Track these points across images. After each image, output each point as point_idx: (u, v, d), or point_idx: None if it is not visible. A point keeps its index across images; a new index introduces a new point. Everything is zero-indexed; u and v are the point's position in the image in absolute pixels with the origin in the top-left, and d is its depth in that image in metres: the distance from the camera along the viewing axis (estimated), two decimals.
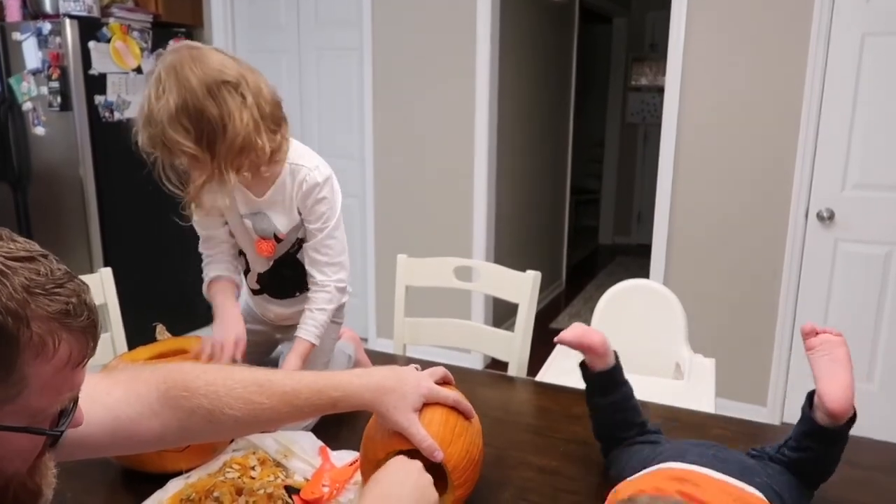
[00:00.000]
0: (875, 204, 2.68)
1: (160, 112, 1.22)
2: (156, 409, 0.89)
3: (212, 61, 1.26)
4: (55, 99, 3.32)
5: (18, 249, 0.60)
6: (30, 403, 0.60)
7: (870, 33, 2.58)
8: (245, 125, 1.27)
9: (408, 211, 3.61)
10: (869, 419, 2.90)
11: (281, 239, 1.45)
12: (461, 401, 1.04)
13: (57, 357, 0.60)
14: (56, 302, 0.59)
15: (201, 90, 1.23)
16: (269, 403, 0.93)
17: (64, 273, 0.62)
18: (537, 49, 4.15)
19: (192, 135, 1.24)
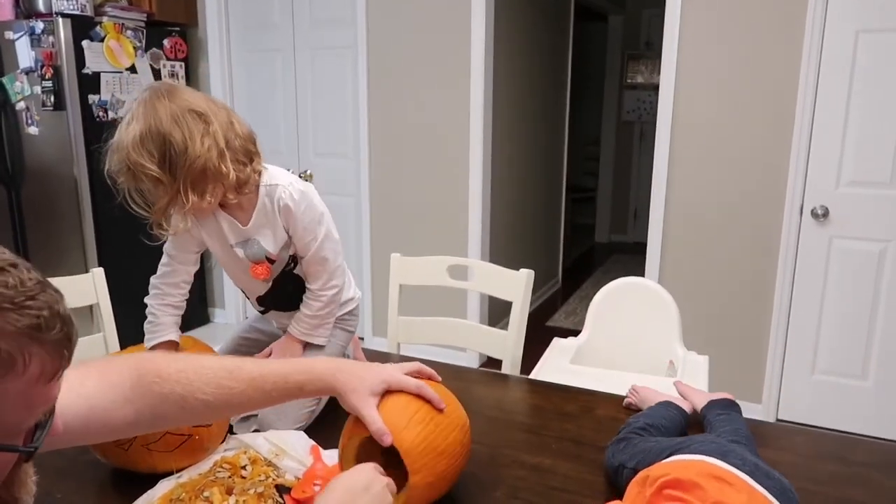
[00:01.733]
0: (869, 201, 2.68)
1: (126, 137, 1.28)
2: (129, 396, 0.90)
3: (183, 94, 1.32)
4: (48, 98, 3.31)
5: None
6: (2, 420, 0.58)
7: (863, 30, 2.58)
8: (206, 149, 1.30)
9: (403, 210, 3.60)
10: (863, 416, 2.93)
11: (273, 260, 1.46)
12: (425, 389, 1.03)
13: (28, 373, 0.57)
14: (26, 316, 0.57)
15: (167, 117, 1.28)
16: (239, 388, 0.95)
17: (35, 283, 0.59)
18: (533, 47, 4.15)
19: (156, 158, 1.28)
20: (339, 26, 3.63)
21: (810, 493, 1.09)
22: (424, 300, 2.16)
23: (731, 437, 1.11)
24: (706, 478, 0.88)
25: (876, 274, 2.72)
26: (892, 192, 2.64)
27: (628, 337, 2.00)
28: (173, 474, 1.11)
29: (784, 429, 1.61)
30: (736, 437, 1.12)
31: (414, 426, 0.98)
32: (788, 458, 1.21)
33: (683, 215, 3.00)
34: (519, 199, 4.15)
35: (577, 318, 4.39)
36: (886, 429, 2.72)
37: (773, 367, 2.92)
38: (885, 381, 2.77)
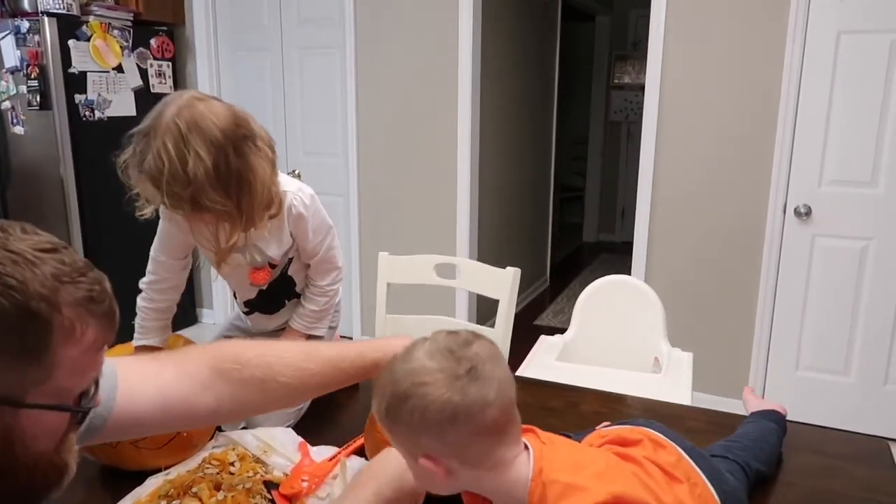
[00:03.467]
0: (851, 199, 2.72)
1: (195, 173, 1.18)
2: (208, 384, 0.92)
3: (225, 113, 1.24)
4: (34, 98, 3.30)
5: (43, 241, 0.64)
6: (59, 384, 0.64)
7: (845, 31, 2.62)
8: (268, 177, 1.28)
9: (391, 209, 3.61)
10: (846, 412, 2.97)
11: (275, 265, 1.47)
12: None
13: (84, 340, 0.64)
14: (81, 289, 0.64)
15: (230, 147, 1.22)
16: (318, 369, 0.98)
17: (85, 264, 0.66)
18: (520, 47, 4.17)
19: (225, 193, 1.23)
20: (326, 26, 3.64)
21: (789, 485, 1.12)
22: (412, 299, 2.17)
23: (728, 439, 1.13)
24: (646, 439, 0.94)
25: (858, 271, 2.76)
26: (873, 191, 2.68)
27: (614, 334, 2.03)
28: (161, 471, 1.12)
29: None
30: (733, 438, 1.13)
31: None
32: None
33: (669, 214, 3.03)
34: (507, 198, 4.17)
35: (565, 317, 4.42)
36: (868, 424, 2.77)
37: (757, 363, 2.96)
38: (866, 377, 2.81)
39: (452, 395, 0.76)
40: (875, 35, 2.58)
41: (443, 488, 0.83)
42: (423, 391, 0.76)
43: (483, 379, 0.77)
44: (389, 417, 0.79)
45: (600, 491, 0.77)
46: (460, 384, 0.76)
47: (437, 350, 0.79)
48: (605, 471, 0.81)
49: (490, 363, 0.79)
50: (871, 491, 1.09)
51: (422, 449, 0.78)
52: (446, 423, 0.76)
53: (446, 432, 0.76)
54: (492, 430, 0.78)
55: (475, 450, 0.78)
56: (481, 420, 0.76)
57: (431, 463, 0.78)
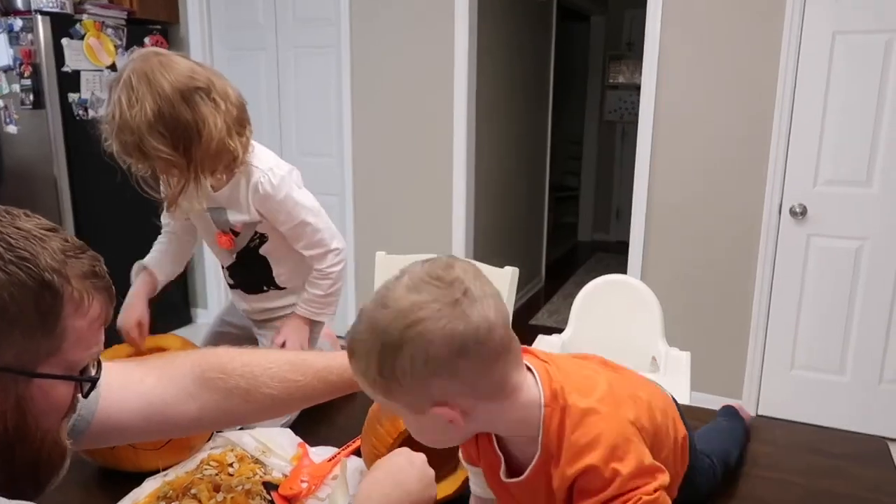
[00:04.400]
0: (846, 199, 2.73)
1: (136, 119, 1.23)
2: (192, 392, 0.91)
3: (181, 67, 1.27)
4: (27, 97, 3.27)
5: (45, 223, 0.67)
6: (68, 356, 0.66)
7: (840, 31, 2.63)
8: (219, 130, 1.29)
9: (387, 208, 3.60)
10: (841, 411, 2.98)
11: (237, 232, 1.47)
12: None
13: (91, 312, 0.68)
14: (85, 264, 0.67)
15: (175, 96, 1.24)
16: (304, 381, 0.97)
17: (82, 243, 0.70)
18: (515, 47, 4.17)
19: (169, 141, 1.26)
20: (322, 26, 3.63)
21: (790, 484, 1.12)
22: None
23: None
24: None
25: (853, 271, 2.77)
26: (868, 191, 2.69)
27: (611, 334, 2.03)
28: (159, 473, 1.11)
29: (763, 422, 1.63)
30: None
31: None
32: (767, 451, 1.23)
33: (665, 214, 3.03)
34: (502, 197, 4.17)
35: (561, 317, 4.42)
36: (863, 423, 2.77)
37: (753, 362, 2.97)
38: (861, 377, 2.82)
39: (455, 323, 0.68)
40: (870, 35, 2.59)
41: (456, 437, 0.78)
42: (420, 329, 0.68)
43: (480, 299, 0.70)
44: (385, 376, 0.70)
45: (616, 417, 0.77)
46: (460, 310, 0.68)
47: (420, 281, 0.71)
48: (609, 392, 0.80)
49: (479, 281, 0.72)
50: (875, 491, 1.09)
51: (433, 397, 0.71)
52: (455, 356, 0.68)
53: (458, 367, 0.69)
54: (501, 352, 0.72)
55: (490, 379, 0.72)
56: (491, 344, 0.70)
57: (446, 409, 0.71)
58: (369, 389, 0.74)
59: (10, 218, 0.65)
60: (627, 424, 0.77)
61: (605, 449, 0.74)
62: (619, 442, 0.75)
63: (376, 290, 0.74)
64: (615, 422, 0.76)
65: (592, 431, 0.74)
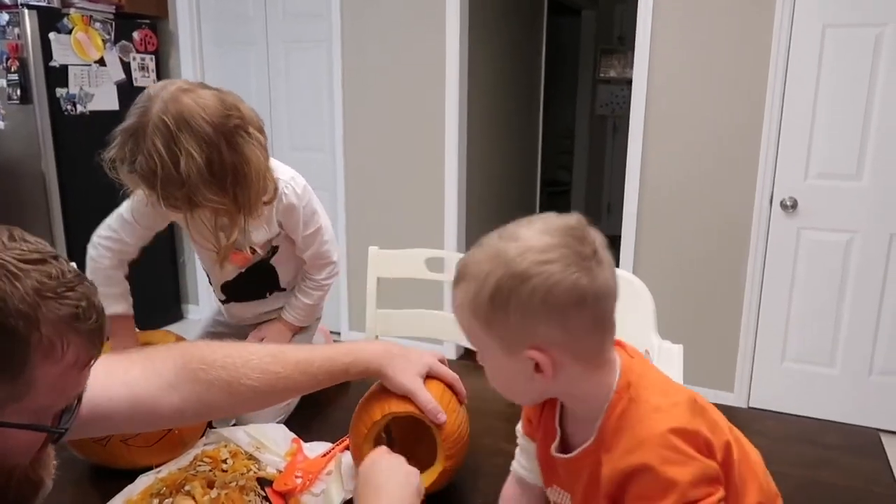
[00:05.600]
0: (836, 193, 2.75)
1: (186, 171, 1.13)
2: (174, 383, 0.91)
3: (214, 102, 1.19)
4: (14, 91, 3.24)
5: (30, 251, 0.60)
6: (35, 402, 0.61)
7: (830, 25, 2.64)
8: (263, 164, 1.25)
9: (379, 203, 3.60)
10: (831, 403, 3.00)
11: (257, 251, 1.44)
12: (458, 382, 1.09)
13: (65, 359, 0.61)
14: (66, 306, 0.60)
15: (220, 140, 1.17)
16: (285, 372, 0.97)
17: (74, 276, 0.62)
18: (507, 42, 4.16)
19: (221, 188, 1.19)
20: (312, 20, 3.61)
21: (782, 475, 1.12)
22: (399, 293, 2.16)
23: None
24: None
25: (843, 264, 2.78)
26: (858, 184, 2.71)
27: None
28: (153, 469, 1.10)
29: (755, 414, 1.65)
30: None
31: (451, 413, 1.02)
32: (760, 442, 1.23)
33: (656, 207, 3.04)
34: (494, 192, 4.16)
35: None
36: (853, 414, 2.80)
37: (744, 355, 2.98)
38: (851, 369, 2.84)
39: (581, 275, 0.67)
40: (860, 29, 2.60)
41: (532, 392, 0.77)
42: (548, 269, 0.67)
43: (605, 264, 0.71)
44: (497, 303, 0.69)
45: (686, 421, 0.71)
46: (588, 265, 0.68)
47: (555, 228, 0.70)
48: (689, 403, 0.74)
49: (606, 250, 0.72)
50: (863, 481, 1.10)
51: (534, 339, 0.70)
52: (572, 306, 0.68)
53: (570, 318, 0.69)
54: (608, 321, 0.72)
55: (591, 341, 0.72)
56: (605, 307, 0.71)
57: (542, 354, 0.70)
58: (469, 315, 0.73)
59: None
60: (697, 432, 0.71)
61: (665, 449, 0.69)
62: (683, 447, 0.69)
63: (502, 228, 0.73)
64: (683, 423, 0.70)
65: (656, 428, 0.70)
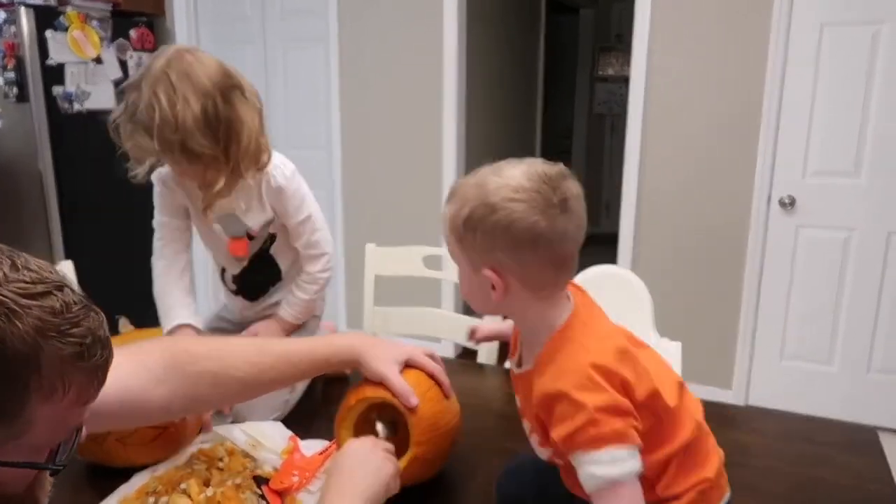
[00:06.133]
0: (834, 190, 2.75)
1: (182, 116, 1.21)
2: (162, 377, 0.91)
3: (215, 64, 1.29)
4: (11, 90, 3.23)
5: (33, 281, 0.56)
6: (35, 439, 0.58)
7: (828, 23, 2.63)
8: (255, 128, 1.31)
9: (376, 201, 3.59)
10: (829, 401, 3.00)
11: (253, 236, 1.45)
12: (441, 373, 1.09)
13: (66, 399, 0.58)
14: (69, 344, 0.57)
15: (218, 94, 1.25)
16: (270, 363, 0.99)
17: (80, 308, 0.59)
18: (505, 40, 4.15)
19: (213, 139, 1.26)
20: (310, 18, 3.60)
21: (780, 473, 1.12)
22: (397, 290, 2.16)
23: None
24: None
25: (841, 262, 2.78)
26: (856, 182, 2.71)
27: None
28: (148, 468, 1.10)
29: (753, 411, 1.65)
30: None
31: (426, 401, 1.03)
32: (757, 440, 1.24)
33: (654, 206, 3.04)
34: None
35: None
36: (851, 412, 2.80)
37: (742, 353, 2.98)
38: (849, 366, 2.84)
39: (541, 220, 0.78)
40: (858, 27, 2.60)
41: (488, 304, 0.87)
42: (513, 207, 0.78)
43: (571, 213, 0.81)
44: (468, 225, 0.81)
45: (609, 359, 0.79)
46: (551, 212, 0.79)
47: (534, 173, 0.80)
48: (619, 350, 0.82)
49: (578, 201, 0.82)
50: (860, 479, 1.10)
51: (491, 261, 0.82)
52: (527, 244, 0.79)
53: (524, 253, 0.80)
54: (561, 262, 0.82)
55: (541, 276, 0.82)
56: (558, 250, 0.81)
57: (496, 276, 0.82)
58: (449, 230, 0.86)
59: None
60: (616, 372, 0.79)
61: (581, 378, 0.78)
62: (598, 379, 0.78)
63: (503, 162, 0.84)
64: (604, 362, 0.79)
65: (578, 361, 0.79)
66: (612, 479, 0.77)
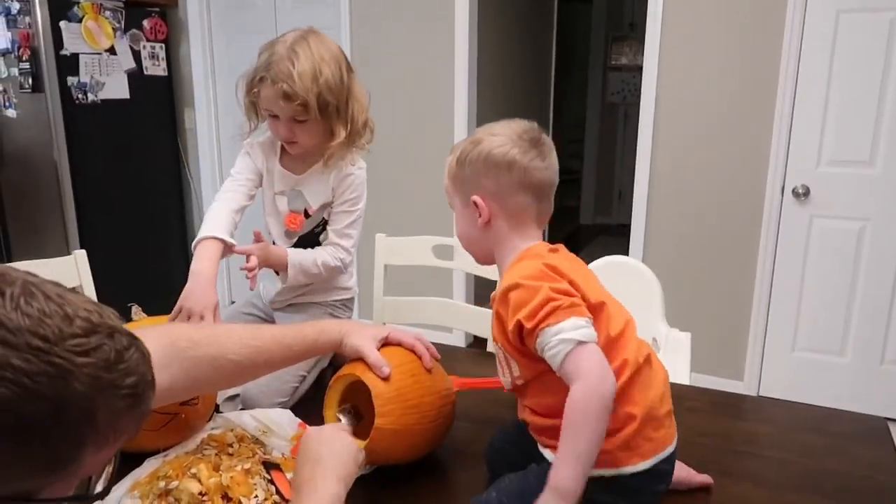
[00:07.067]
0: (849, 180, 2.72)
1: (323, 71, 1.35)
2: (163, 362, 0.92)
3: (337, 45, 1.45)
4: (26, 80, 3.26)
5: (87, 333, 0.55)
6: (77, 477, 0.59)
7: (844, 10, 2.60)
8: (364, 107, 1.46)
9: (387, 190, 3.59)
10: (841, 392, 2.98)
11: (310, 214, 1.52)
12: (419, 345, 1.11)
13: (117, 443, 0.60)
14: (122, 397, 0.57)
15: (344, 64, 1.42)
16: (265, 345, 1.04)
17: (131, 352, 0.59)
18: (516, 29, 4.13)
19: (340, 99, 1.40)
20: (321, 7, 3.60)
21: (788, 464, 1.12)
22: (410, 280, 2.16)
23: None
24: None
25: (855, 253, 2.76)
26: (871, 172, 2.68)
27: None
28: (159, 453, 1.12)
29: (762, 401, 1.64)
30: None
31: (394, 373, 1.05)
32: (767, 430, 1.23)
33: (667, 195, 3.02)
34: None
35: None
36: (864, 404, 2.78)
37: (754, 344, 2.97)
38: (862, 358, 2.82)
39: (513, 148, 0.96)
40: (874, 14, 2.56)
41: (479, 240, 1.02)
42: (493, 139, 0.97)
43: (541, 148, 0.98)
44: (459, 162, 1.00)
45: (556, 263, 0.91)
46: (523, 144, 0.96)
47: (513, 122, 1.00)
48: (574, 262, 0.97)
49: (550, 147, 1.00)
50: (870, 469, 1.09)
51: (479, 188, 0.98)
52: (504, 167, 0.96)
53: (501, 174, 0.96)
54: (535, 189, 0.97)
55: (517, 201, 0.97)
56: (530, 176, 0.96)
57: (482, 201, 0.97)
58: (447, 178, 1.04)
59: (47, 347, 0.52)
60: (564, 274, 0.90)
61: (533, 271, 0.90)
62: (549, 273, 0.89)
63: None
64: (556, 263, 0.91)
65: (533, 263, 0.92)
66: (579, 341, 0.84)
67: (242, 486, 0.99)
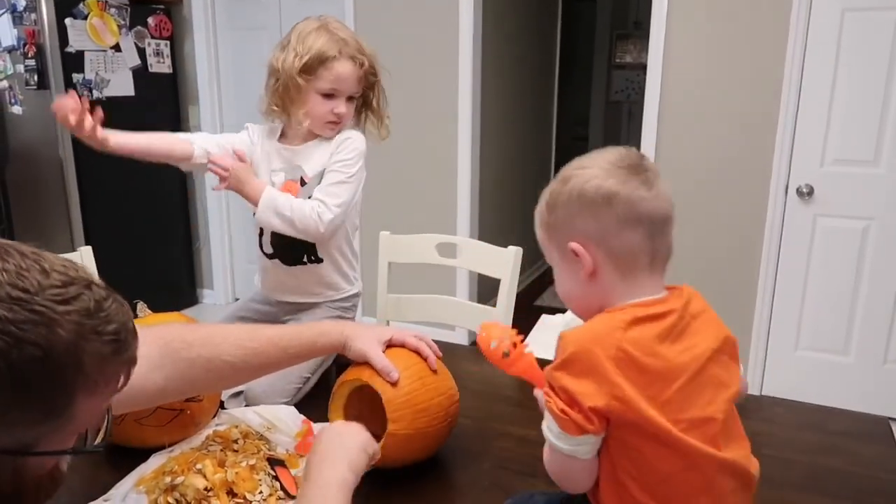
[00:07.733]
0: (853, 179, 2.71)
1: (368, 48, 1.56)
2: (158, 363, 0.94)
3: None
4: (32, 77, 3.27)
5: (65, 284, 0.58)
6: (72, 429, 0.62)
7: (849, 8, 2.59)
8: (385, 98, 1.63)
9: (391, 188, 3.60)
10: (845, 392, 2.98)
11: (305, 182, 1.52)
12: (424, 347, 1.10)
13: (106, 390, 0.63)
14: (105, 342, 0.60)
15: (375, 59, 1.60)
16: (260, 347, 1.03)
17: (110, 303, 0.61)
18: (521, 27, 4.13)
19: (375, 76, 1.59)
20: (326, 3, 3.59)
21: (791, 462, 1.12)
22: (413, 278, 2.17)
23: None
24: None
25: (859, 252, 2.75)
26: (875, 171, 2.67)
27: None
28: (165, 448, 1.12)
29: (764, 400, 1.64)
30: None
31: (402, 378, 1.04)
32: (769, 429, 1.24)
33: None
34: (507, 177, 4.15)
35: None
36: (867, 403, 2.77)
37: (757, 343, 2.97)
38: (865, 357, 2.82)
39: (609, 178, 0.80)
40: (880, 12, 2.55)
41: (584, 294, 0.85)
42: (583, 173, 0.82)
43: (645, 175, 0.82)
44: (549, 207, 0.85)
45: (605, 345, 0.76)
46: (620, 173, 0.81)
47: (605, 150, 0.85)
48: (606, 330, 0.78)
49: (655, 173, 0.84)
50: (872, 468, 1.10)
51: (575, 232, 0.81)
52: (602, 202, 0.79)
53: (600, 213, 0.80)
54: (644, 223, 0.81)
55: (625, 241, 0.81)
56: (636, 209, 0.80)
57: (582, 248, 0.81)
58: (539, 228, 0.88)
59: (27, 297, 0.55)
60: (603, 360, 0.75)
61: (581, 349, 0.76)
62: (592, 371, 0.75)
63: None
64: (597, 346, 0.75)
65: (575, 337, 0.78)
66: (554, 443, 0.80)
67: (247, 482, 1.00)
